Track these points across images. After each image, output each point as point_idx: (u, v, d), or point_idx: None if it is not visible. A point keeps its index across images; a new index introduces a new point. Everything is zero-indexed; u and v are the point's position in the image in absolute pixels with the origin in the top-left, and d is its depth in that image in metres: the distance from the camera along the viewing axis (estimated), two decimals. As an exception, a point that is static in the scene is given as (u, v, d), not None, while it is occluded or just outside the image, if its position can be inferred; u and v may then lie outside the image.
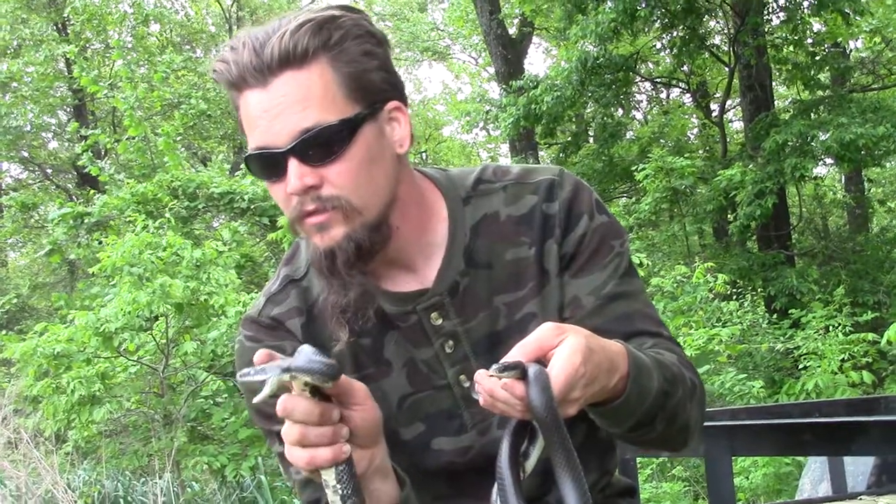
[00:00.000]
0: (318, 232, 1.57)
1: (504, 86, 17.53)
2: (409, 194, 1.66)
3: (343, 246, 1.55)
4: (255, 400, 1.32)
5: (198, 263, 8.63)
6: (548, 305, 1.69)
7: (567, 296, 1.69)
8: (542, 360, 1.38)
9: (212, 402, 9.39)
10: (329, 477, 1.40)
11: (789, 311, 12.60)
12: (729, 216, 15.40)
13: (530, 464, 1.45)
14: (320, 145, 1.52)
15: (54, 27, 21.78)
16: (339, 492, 1.39)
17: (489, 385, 1.37)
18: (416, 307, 1.68)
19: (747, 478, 8.47)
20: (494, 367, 1.35)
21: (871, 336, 10.38)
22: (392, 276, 1.69)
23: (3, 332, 10.92)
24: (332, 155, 1.52)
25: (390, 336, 1.71)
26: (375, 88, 1.57)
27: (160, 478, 8.50)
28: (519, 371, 1.35)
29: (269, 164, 1.55)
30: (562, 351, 1.38)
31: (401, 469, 1.61)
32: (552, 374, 1.36)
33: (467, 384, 1.68)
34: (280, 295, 1.76)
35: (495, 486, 1.43)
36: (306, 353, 1.34)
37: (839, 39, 16.29)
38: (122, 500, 8.52)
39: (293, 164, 1.52)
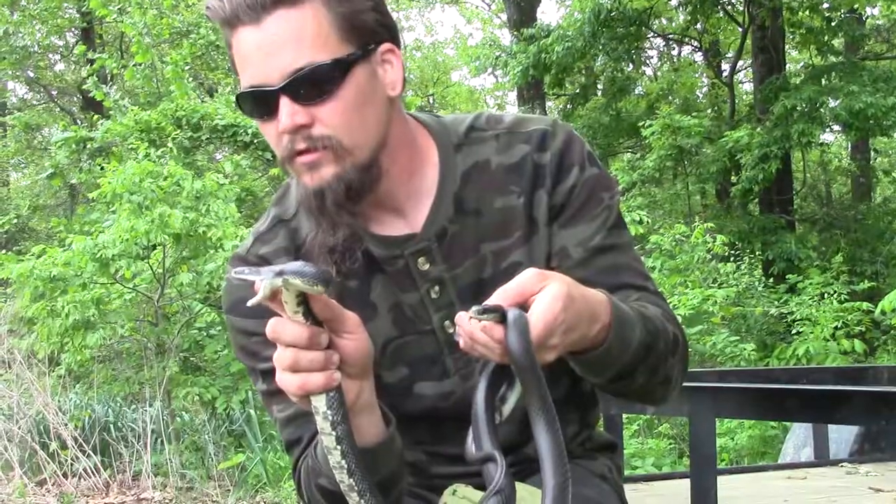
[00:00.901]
0: (308, 171, 1.56)
1: (515, 33, 17.42)
2: (401, 138, 1.65)
3: (333, 185, 1.55)
4: (249, 303, 1.32)
5: (198, 195, 8.62)
6: (535, 255, 1.69)
7: (555, 246, 1.70)
8: (524, 306, 1.39)
9: (205, 333, 9.43)
10: (320, 403, 1.40)
11: (786, 276, 12.62)
12: (733, 178, 15.37)
13: (507, 408, 1.46)
14: (312, 84, 1.51)
15: (65, -53, 21.52)
16: (330, 418, 1.40)
17: (469, 327, 1.38)
18: (404, 251, 1.68)
19: (732, 438, 8.54)
20: (474, 308, 1.35)
21: (865, 305, 10.41)
22: (381, 219, 1.69)
23: (2, 251, 10.93)
24: (323, 94, 1.52)
25: (377, 279, 1.71)
26: (369, 30, 1.56)
27: (151, 406, 8.57)
28: (499, 314, 1.36)
29: (261, 103, 1.55)
30: (543, 297, 1.38)
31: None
32: (532, 319, 1.36)
33: (451, 330, 1.68)
34: (268, 234, 1.76)
35: (470, 428, 1.44)
36: (298, 262, 1.34)
37: (856, 5, 16.14)
38: (112, 426, 8.59)
39: (285, 103, 1.52)
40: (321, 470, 1.59)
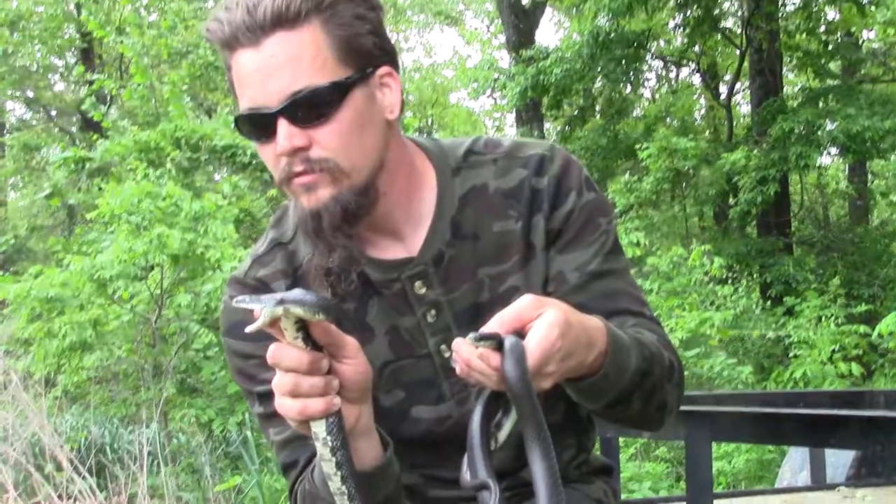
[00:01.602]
0: (305, 193, 1.57)
1: (514, 55, 17.47)
2: (399, 161, 1.65)
3: (329, 208, 1.55)
4: (248, 329, 1.32)
5: (196, 216, 8.63)
6: (532, 279, 1.69)
7: (552, 271, 1.70)
8: (521, 332, 1.39)
9: (203, 355, 9.41)
10: (319, 429, 1.40)
11: (784, 299, 12.62)
12: (730, 200, 15.38)
13: (503, 434, 1.46)
14: (310, 107, 1.52)
15: (65, -32, 21.57)
16: (329, 444, 1.40)
17: (465, 354, 1.37)
18: (401, 275, 1.68)
19: (729, 462, 8.52)
20: (471, 335, 1.36)
21: (862, 328, 10.40)
22: (378, 242, 1.69)
23: (-1, 272, 10.93)
24: (321, 117, 1.53)
25: (373, 302, 1.71)
26: (367, 53, 1.57)
27: (147, 427, 8.54)
28: (495, 342, 1.36)
29: (259, 125, 1.56)
30: (540, 324, 1.38)
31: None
32: (528, 346, 1.37)
33: (448, 354, 1.67)
34: (266, 257, 1.76)
35: (465, 455, 1.43)
36: (299, 290, 1.34)
37: (853, 29, 16.20)
38: (108, 448, 8.55)
39: (282, 125, 1.52)
40: (318, 494, 1.58)
